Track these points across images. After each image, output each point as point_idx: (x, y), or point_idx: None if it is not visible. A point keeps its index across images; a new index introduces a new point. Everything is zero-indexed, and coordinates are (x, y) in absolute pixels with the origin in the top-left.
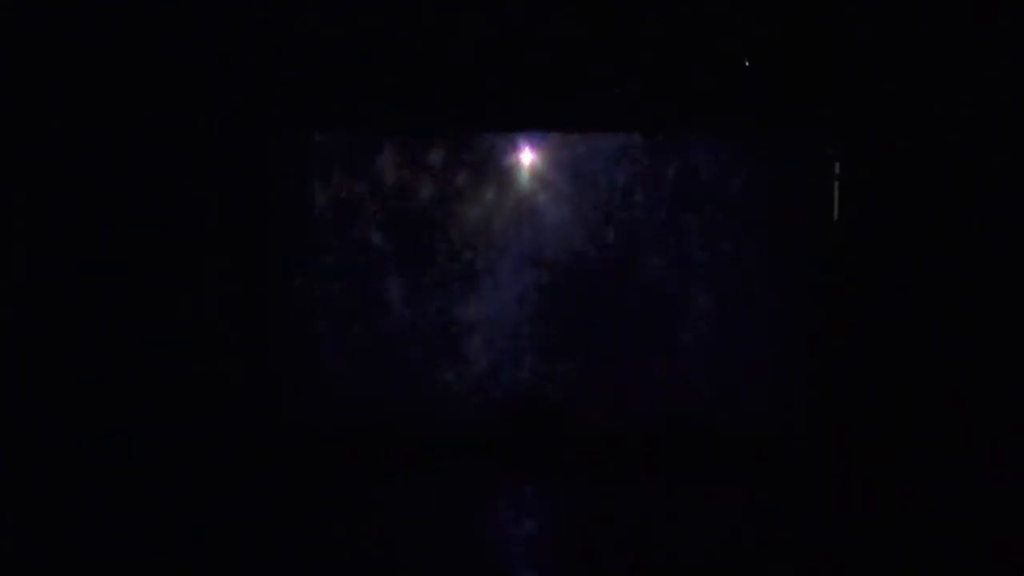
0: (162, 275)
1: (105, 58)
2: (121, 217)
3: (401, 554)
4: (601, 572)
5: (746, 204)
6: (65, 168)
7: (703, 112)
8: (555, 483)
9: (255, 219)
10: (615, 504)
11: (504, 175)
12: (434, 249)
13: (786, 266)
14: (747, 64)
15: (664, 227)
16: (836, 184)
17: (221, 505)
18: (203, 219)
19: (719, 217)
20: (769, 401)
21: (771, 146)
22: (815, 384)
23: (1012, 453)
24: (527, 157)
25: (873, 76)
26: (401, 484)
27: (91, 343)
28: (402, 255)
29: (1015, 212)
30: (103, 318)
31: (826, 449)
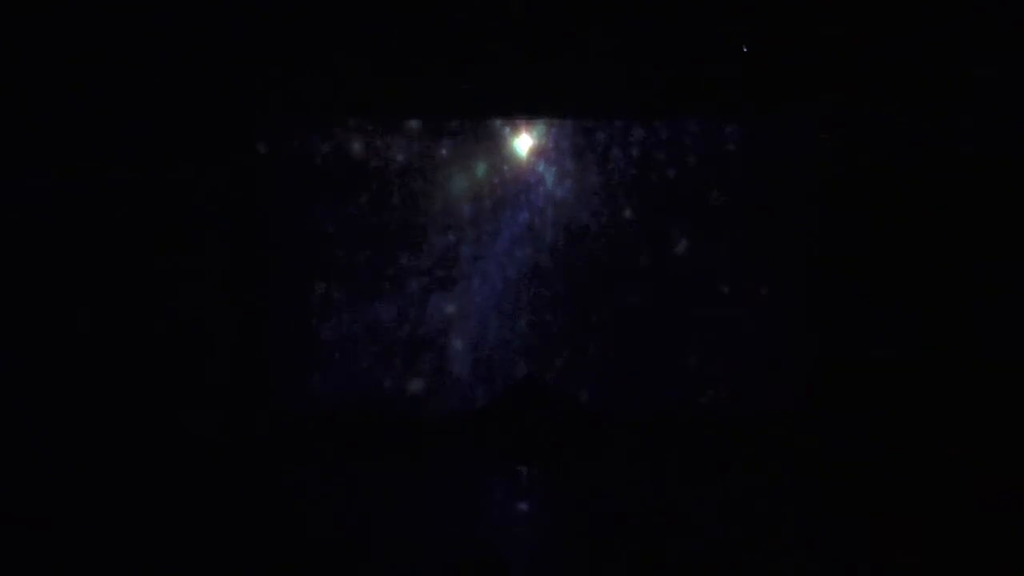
0: (156, 271)
1: (98, 55)
2: (116, 212)
3: (397, 542)
4: (598, 558)
5: (742, 190)
6: (60, 167)
7: (697, 98)
8: (550, 470)
9: (249, 214)
10: (611, 491)
11: (499, 160)
12: (429, 236)
13: (781, 252)
14: (745, 50)
15: (661, 213)
16: (832, 171)
17: (216, 497)
18: (198, 214)
19: (715, 204)
20: (765, 387)
21: (765, 132)
22: (811, 370)
23: (1011, 446)
24: (523, 142)
25: (868, 63)
26: (398, 473)
27: (85, 339)
28: (396, 245)
29: (1011, 200)
30: (97, 314)
31: (823, 435)
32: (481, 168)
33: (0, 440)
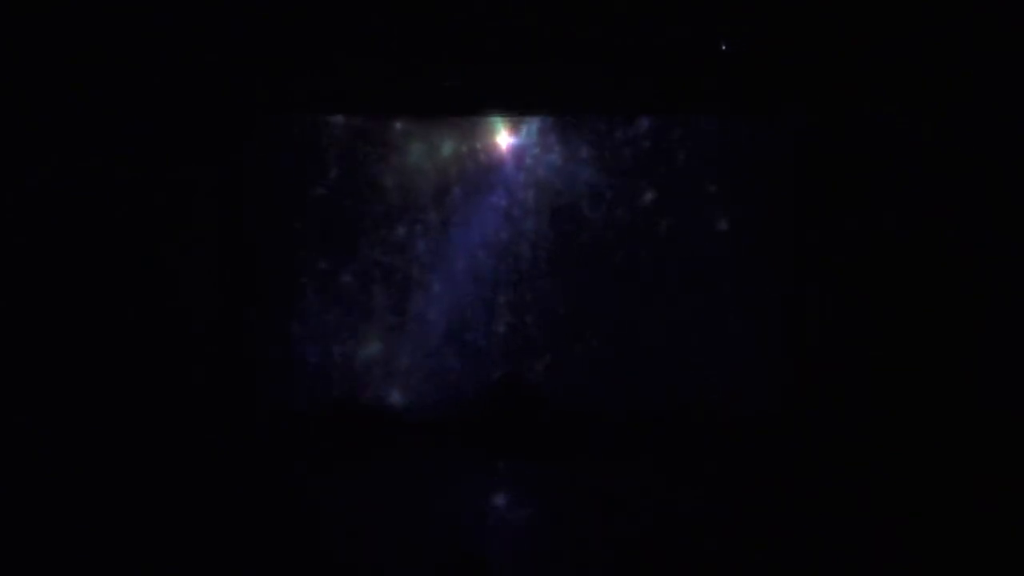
0: (155, 271)
1: (98, 55)
2: (117, 213)
3: (381, 540)
4: (583, 558)
5: (727, 189)
6: (47, 162)
7: (683, 95)
8: (536, 468)
9: (248, 213)
10: (600, 491)
11: (484, 158)
12: (413, 233)
13: (766, 249)
14: (723, 48)
15: (648, 211)
16: (818, 169)
17: (211, 496)
18: (198, 214)
19: (701, 201)
20: (751, 385)
21: (751, 130)
22: (796, 367)
23: (1010, 446)
24: (505, 140)
25: (868, 63)
26: (383, 471)
27: (83, 339)
28: (382, 241)
29: (1011, 200)
30: (96, 314)
31: (808, 433)
32: (482, 166)
33: None
